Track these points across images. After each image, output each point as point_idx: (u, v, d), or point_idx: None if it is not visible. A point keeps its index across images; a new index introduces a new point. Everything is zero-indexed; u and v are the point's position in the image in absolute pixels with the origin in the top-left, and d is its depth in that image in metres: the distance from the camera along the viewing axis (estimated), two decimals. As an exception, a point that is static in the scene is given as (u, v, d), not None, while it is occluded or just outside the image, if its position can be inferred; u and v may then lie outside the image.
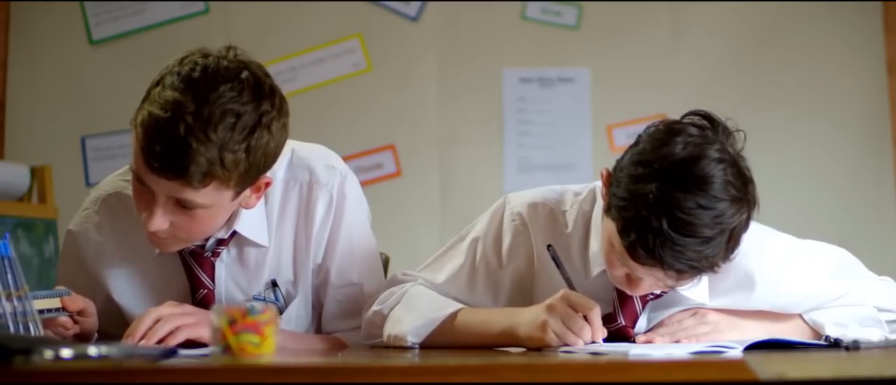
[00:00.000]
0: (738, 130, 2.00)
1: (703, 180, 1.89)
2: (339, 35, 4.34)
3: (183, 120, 1.94)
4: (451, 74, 4.33)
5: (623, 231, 1.92)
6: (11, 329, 1.96)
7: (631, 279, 2.01)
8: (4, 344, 1.57)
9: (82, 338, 2.10)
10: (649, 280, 1.99)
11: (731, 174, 1.92)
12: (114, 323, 2.30)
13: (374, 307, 2.21)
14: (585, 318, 1.98)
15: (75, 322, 2.10)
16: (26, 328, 1.96)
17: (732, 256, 1.97)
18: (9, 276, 1.97)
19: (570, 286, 2.06)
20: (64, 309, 2.06)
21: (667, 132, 1.96)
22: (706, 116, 1.99)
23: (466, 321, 2.14)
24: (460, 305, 2.16)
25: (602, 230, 2.04)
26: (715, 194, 1.89)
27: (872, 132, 4.27)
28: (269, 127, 2.02)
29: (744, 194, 1.93)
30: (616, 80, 4.34)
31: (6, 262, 1.98)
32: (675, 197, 1.88)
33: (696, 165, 1.90)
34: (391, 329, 2.15)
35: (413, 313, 2.15)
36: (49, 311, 2.03)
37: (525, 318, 2.05)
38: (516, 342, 2.06)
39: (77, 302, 2.08)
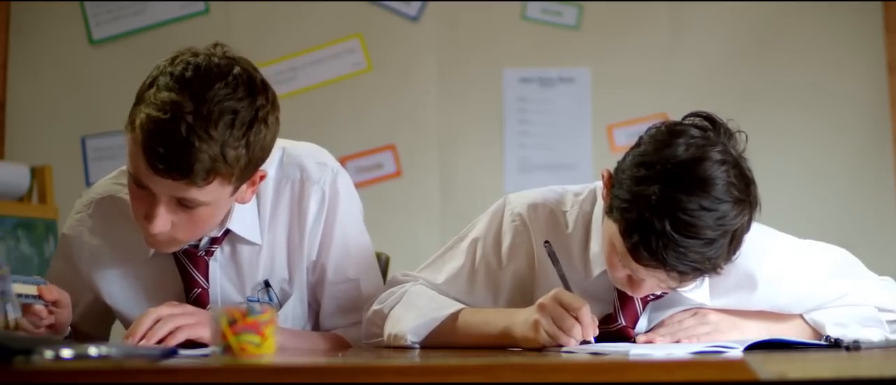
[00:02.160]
0: (739, 132, 2.00)
1: (706, 182, 1.89)
2: (340, 35, 4.34)
3: (183, 120, 1.95)
4: (451, 74, 4.33)
5: (626, 232, 1.92)
6: None
7: (632, 280, 2.01)
8: (4, 344, 1.58)
9: (55, 329, 2.10)
10: (651, 281, 1.99)
11: (734, 176, 1.92)
12: (99, 325, 2.31)
13: (375, 306, 2.21)
14: (576, 317, 1.98)
15: (50, 312, 2.09)
16: (3, 310, 1.94)
17: (734, 258, 1.97)
18: None
19: (565, 283, 2.06)
20: (40, 297, 2.05)
21: (668, 133, 1.96)
22: (708, 118, 1.99)
23: (466, 321, 2.14)
24: (460, 305, 2.16)
25: (603, 231, 2.04)
26: (717, 196, 1.89)
27: (873, 132, 4.27)
28: (265, 121, 2.03)
29: (746, 196, 1.93)
30: (616, 80, 4.33)
31: None
32: (678, 198, 1.88)
33: (699, 167, 1.90)
34: (391, 328, 2.15)
35: (413, 312, 2.15)
36: (25, 296, 2.02)
37: (519, 319, 2.05)
38: (513, 343, 2.06)
39: (53, 291, 2.07)
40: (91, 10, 4.33)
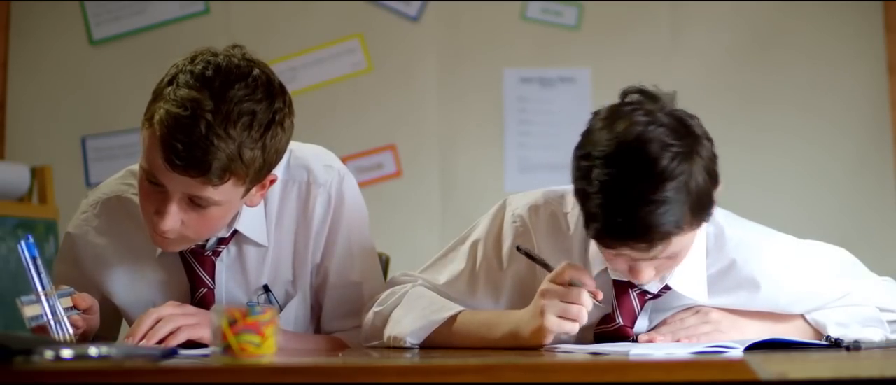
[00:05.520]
0: (665, 94, 2.02)
1: (633, 150, 1.91)
2: (340, 35, 4.34)
3: (203, 117, 1.97)
4: (451, 74, 4.33)
5: (586, 226, 1.96)
6: (53, 329, 1.98)
7: (631, 268, 2.01)
8: (5, 344, 1.58)
9: (86, 335, 2.11)
10: (643, 262, 1.99)
11: (664, 132, 1.93)
12: (106, 326, 2.31)
13: (375, 308, 2.21)
14: (577, 283, 2.00)
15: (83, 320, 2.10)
16: (59, 331, 1.99)
17: (707, 212, 1.97)
18: (42, 275, 1.99)
19: (549, 269, 2.07)
20: (74, 307, 2.06)
21: (591, 121, 2.00)
22: (630, 92, 2.03)
23: (466, 323, 2.14)
24: (460, 308, 2.16)
25: None
26: (651, 156, 1.90)
27: (873, 132, 4.27)
28: (282, 124, 2.06)
29: (683, 144, 1.93)
30: (616, 80, 4.29)
31: (36, 262, 2.00)
32: (613, 173, 1.90)
33: (623, 136, 1.92)
34: (391, 330, 2.15)
35: (412, 315, 2.15)
36: (66, 310, 2.04)
37: (524, 317, 2.05)
38: (521, 343, 2.05)
39: (86, 299, 2.09)
40: (91, 10, 4.33)
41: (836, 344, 2.06)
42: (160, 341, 2.06)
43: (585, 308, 2.00)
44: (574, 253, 2.14)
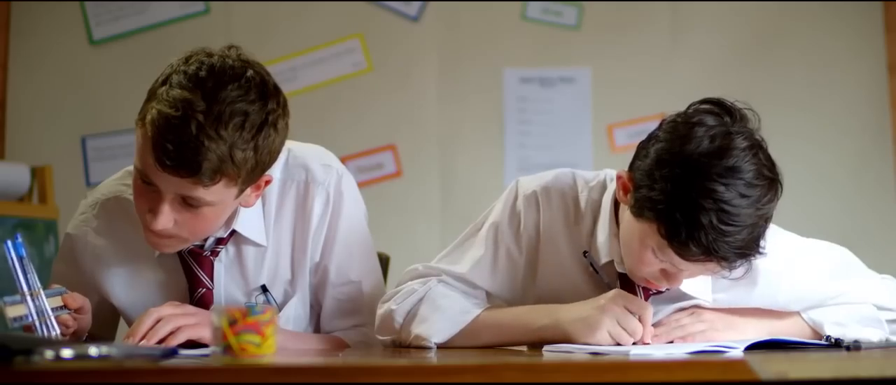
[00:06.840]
0: (748, 109, 2.01)
1: (739, 170, 1.91)
2: (340, 35, 4.34)
3: (194, 118, 1.96)
4: (451, 74, 4.33)
5: (671, 233, 1.92)
6: (38, 329, 1.98)
7: (667, 274, 2.01)
8: (5, 344, 1.58)
9: (77, 335, 2.11)
10: (692, 270, 2.00)
11: (762, 158, 1.95)
12: (104, 326, 2.31)
13: (391, 305, 2.19)
14: (639, 318, 2.02)
15: (73, 320, 2.10)
16: (44, 329, 1.98)
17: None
18: (29, 275, 1.99)
19: (609, 287, 2.09)
20: (65, 306, 2.07)
21: (687, 126, 1.96)
22: (718, 103, 2.01)
23: (495, 319, 2.15)
24: (482, 307, 2.17)
25: (624, 230, 2.04)
26: (752, 182, 1.92)
27: (873, 132, 4.27)
28: (275, 125, 2.04)
29: (774, 175, 1.96)
30: (616, 80, 4.33)
31: (22, 262, 1.99)
32: (717, 191, 1.89)
33: (729, 156, 1.92)
34: (416, 328, 2.15)
35: (438, 314, 2.15)
36: (54, 309, 2.04)
37: (572, 316, 2.06)
38: (562, 338, 2.06)
39: (77, 299, 2.09)
40: (91, 10, 4.33)
41: (836, 344, 2.06)
42: (160, 341, 2.06)
43: (635, 339, 2.02)
44: (582, 239, 2.15)
